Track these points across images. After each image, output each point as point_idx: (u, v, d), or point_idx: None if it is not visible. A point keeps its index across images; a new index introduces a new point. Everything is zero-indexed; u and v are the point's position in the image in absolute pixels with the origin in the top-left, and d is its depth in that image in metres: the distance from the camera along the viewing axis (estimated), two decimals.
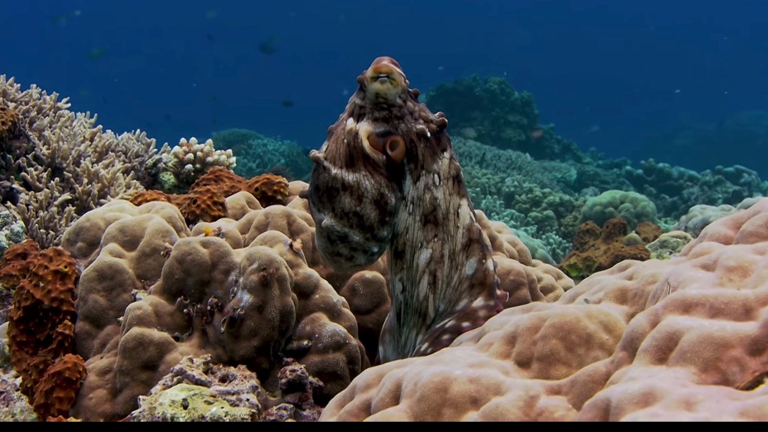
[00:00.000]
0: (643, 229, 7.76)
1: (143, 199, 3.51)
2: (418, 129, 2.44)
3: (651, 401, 1.44)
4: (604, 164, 21.60)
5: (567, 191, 16.06)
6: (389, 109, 2.43)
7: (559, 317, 1.87)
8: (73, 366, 2.85)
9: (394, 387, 1.89)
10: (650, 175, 18.64)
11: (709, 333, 1.53)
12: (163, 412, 2.45)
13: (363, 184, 2.39)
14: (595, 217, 10.74)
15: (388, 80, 2.39)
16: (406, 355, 2.55)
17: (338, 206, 2.41)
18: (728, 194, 15.75)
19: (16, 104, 5.34)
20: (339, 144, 2.43)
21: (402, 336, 2.58)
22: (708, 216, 7.56)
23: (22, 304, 3.02)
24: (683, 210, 15.60)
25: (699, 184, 16.75)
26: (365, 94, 2.44)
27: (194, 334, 2.87)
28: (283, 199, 3.63)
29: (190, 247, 2.90)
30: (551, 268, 3.53)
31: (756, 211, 2.07)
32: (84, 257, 3.18)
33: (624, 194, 11.36)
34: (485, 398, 1.74)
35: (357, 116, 2.46)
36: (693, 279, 1.77)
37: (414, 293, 2.50)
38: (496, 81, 22.30)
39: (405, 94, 2.46)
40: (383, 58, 2.43)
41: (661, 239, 7.06)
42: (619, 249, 6.68)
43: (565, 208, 13.24)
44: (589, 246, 7.30)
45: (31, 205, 4.79)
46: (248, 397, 2.57)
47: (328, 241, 2.49)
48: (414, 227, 2.47)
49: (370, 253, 2.50)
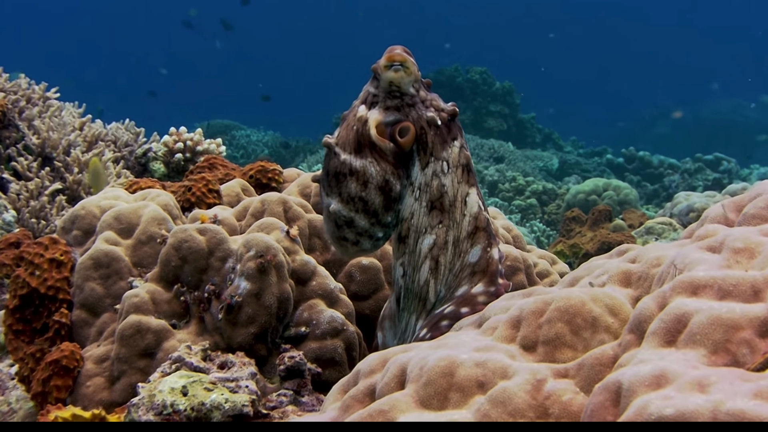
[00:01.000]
0: (629, 215, 7.77)
1: (138, 187, 3.47)
2: (429, 116, 2.44)
3: (663, 383, 1.42)
4: (584, 153, 21.65)
5: (549, 180, 16.07)
6: (401, 97, 2.44)
7: (565, 300, 1.85)
8: (71, 354, 2.81)
9: (399, 372, 1.87)
10: (631, 163, 18.69)
11: (718, 315, 1.51)
12: (162, 399, 2.42)
13: (369, 170, 2.40)
14: (578, 204, 10.74)
15: (402, 69, 2.40)
16: (405, 340, 2.53)
17: (345, 191, 2.42)
18: (708, 182, 15.81)
19: (5, 94, 5.28)
20: (349, 131, 2.44)
21: (402, 321, 2.56)
22: (693, 202, 7.56)
23: (17, 293, 2.97)
24: (664, 197, 15.68)
25: (680, 171, 16.81)
26: (379, 83, 2.45)
27: (192, 322, 2.84)
28: (278, 187, 3.60)
29: (187, 234, 2.86)
30: (546, 254, 3.51)
31: (757, 194, 2.05)
32: (80, 245, 3.13)
33: (607, 182, 11.37)
34: (492, 382, 1.72)
35: (369, 104, 2.46)
36: (700, 261, 1.75)
37: (415, 278, 2.48)
38: (477, 71, 22.29)
39: (418, 84, 2.46)
40: (396, 47, 2.44)
41: (647, 226, 7.07)
42: (606, 236, 6.68)
43: (549, 197, 13.26)
44: (576, 233, 7.29)
45: (21, 194, 4.74)
46: (247, 384, 2.54)
47: (335, 226, 2.49)
48: (419, 213, 2.46)
49: (375, 238, 2.50)
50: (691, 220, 7.31)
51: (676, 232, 6.85)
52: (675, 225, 7.11)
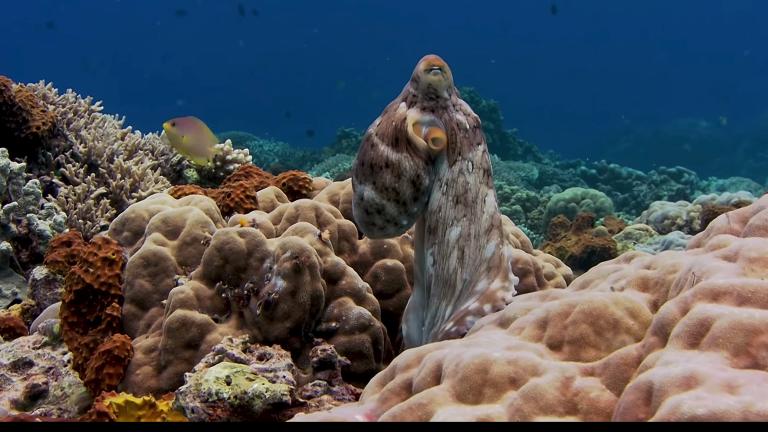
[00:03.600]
0: (609, 222, 7.74)
1: (182, 193, 3.40)
2: (459, 119, 2.44)
3: (693, 384, 1.37)
4: (561, 164, 21.61)
5: (530, 188, 16.02)
6: (437, 99, 2.43)
7: (588, 303, 1.80)
8: (122, 345, 2.74)
9: (435, 367, 1.81)
10: (603, 174, 18.70)
11: (739, 320, 1.46)
12: (208, 387, 2.36)
13: (403, 164, 2.38)
14: (559, 211, 10.71)
15: (440, 72, 2.41)
16: (435, 324, 2.48)
17: (379, 180, 2.40)
18: (673, 192, 15.80)
19: (55, 107, 5.22)
20: (389, 124, 2.42)
21: (432, 306, 2.50)
22: (667, 211, 7.53)
23: (73, 288, 2.90)
24: (633, 205, 15.68)
25: (647, 182, 16.80)
26: (418, 84, 2.43)
27: (232, 317, 2.77)
28: (308, 194, 3.54)
29: (228, 236, 2.80)
30: (550, 257, 3.45)
31: (761, 207, 2.02)
32: (129, 245, 3.06)
33: (585, 191, 11.36)
34: (523, 379, 1.67)
35: (409, 103, 2.44)
36: (717, 269, 1.70)
37: (445, 266, 2.44)
38: (466, 90, 22.23)
39: (451, 89, 2.46)
40: (432, 55, 2.45)
41: (626, 231, 7.05)
42: (589, 240, 6.63)
43: (531, 204, 13.22)
44: (561, 237, 7.25)
45: (69, 197, 4.67)
46: (285, 375, 2.48)
47: (365, 212, 2.46)
48: (447, 206, 2.43)
49: (400, 225, 2.47)
50: (666, 226, 7.29)
51: (652, 237, 6.83)
52: (651, 231, 7.08)
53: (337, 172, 15.76)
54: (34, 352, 3.24)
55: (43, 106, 5.08)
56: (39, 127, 4.81)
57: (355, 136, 21.09)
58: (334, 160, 17.81)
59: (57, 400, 3.06)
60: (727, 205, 7.10)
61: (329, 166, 16.97)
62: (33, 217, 4.34)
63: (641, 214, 8.90)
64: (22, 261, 4.29)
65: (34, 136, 4.80)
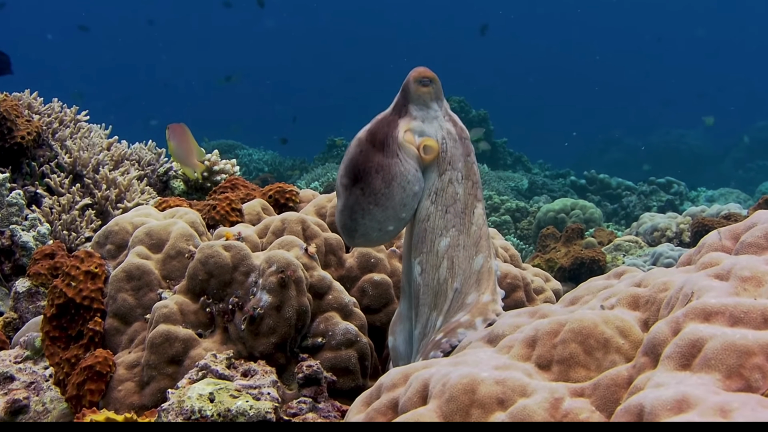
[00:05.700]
0: (599, 233, 7.71)
1: (167, 205, 3.35)
2: (449, 129, 2.44)
3: (685, 408, 1.33)
4: (550, 174, 21.58)
5: (520, 198, 15.99)
6: (427, 110, 2.43)
7: (578, 322, 1.76)
8: (104, 360, 2.69)
9: (422, 387, 1.77)
10: (592, 184, 18.66)
11: (732, 341, 1.43)
12: (191, 405, 2.31)
13: (393, 169, 2.36)
14: (549, 221, 10.68)
15: (430, 84, 2.42)
16: (426, 335, 2.45)
17: (368, 186, 2.37)
18: (662, 202, 15.78)
19: (40, 116, 5.16)
20: (379, 130, 2.41)
21: (422, 316, 2.47)
22: (657, 222, 7.51)
23: (55, 302, 2.86)
24: (623, 216, 15.66)
25: (636, 193, 16.78)
26: (409, 95, 2.44)
27: (216, 332, 2.72)
28: (295, 206, 3.50)
29: (213, 250, 2.76)
30: (540, 272, 3.42)
31: (753, 224, 1.97)
32: (113, 259, 3.02)
33: (574, 202, 11.32)
34: (511, 399, 1.63)
35: (400, 113, 2.44)
36: (709, 288, 1.66)
37: (435, 276, 2.42)
38: (456, 100, 22.19)
39: (441, 100, 2.47)
40: (422, 67, 2.46)
41: (615, 243, 7.02)
42: (578, 252, 6.60)
43: (521, 214, 13.18)
44: (551, 248, 7.21)
45: (54, 208, 4.61)
46: (269, 391, 2.44)
47: (350, 217, 2.43)
48: (435, 215, 2.41)
49: (384, 231, 2.44)
50: (655, 238, 7.27)
51: (642, 249, 6.81)
52: (641, 243, 7.06)
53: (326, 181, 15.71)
54: (15, 367, 3.19)
55: (28, 115, 5.02)
56: (24, 137, 4.75)
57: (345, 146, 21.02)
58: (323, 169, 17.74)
59: (38, 416, 3.00)
60: (717, 217, 7.09)
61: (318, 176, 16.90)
62: (16, 229, 4.28)
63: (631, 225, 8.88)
64: (4, 273, 4.23)
65: (18, 146, 4.74)
